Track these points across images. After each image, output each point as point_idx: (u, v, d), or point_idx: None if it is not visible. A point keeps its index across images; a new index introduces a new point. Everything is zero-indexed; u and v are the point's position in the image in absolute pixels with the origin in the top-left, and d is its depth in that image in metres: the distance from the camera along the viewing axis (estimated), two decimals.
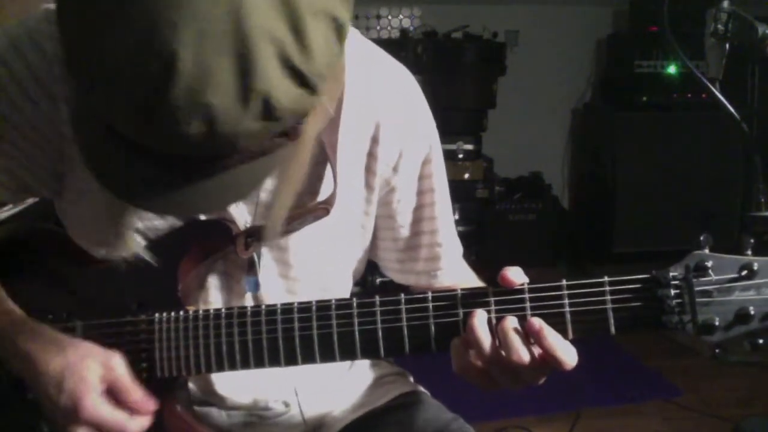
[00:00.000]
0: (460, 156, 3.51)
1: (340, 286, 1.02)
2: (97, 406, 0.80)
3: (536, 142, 4.20)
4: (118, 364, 0.83)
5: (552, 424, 2.36)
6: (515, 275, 0.80)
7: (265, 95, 0.59)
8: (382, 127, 0.90)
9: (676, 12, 1.47)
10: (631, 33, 3.89)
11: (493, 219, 3.75)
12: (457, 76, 3.47)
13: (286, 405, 1.03)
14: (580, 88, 4.27)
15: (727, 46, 1.37)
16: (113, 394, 0.82)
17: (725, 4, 1.36)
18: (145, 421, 0.83)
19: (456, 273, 1.04)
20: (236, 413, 1.01)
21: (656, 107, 3.76)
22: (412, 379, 1.14)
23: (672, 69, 3.75)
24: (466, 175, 3.55)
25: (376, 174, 0.93)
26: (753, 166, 1.40)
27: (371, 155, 0.92)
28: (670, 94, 3.75)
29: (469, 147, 3.53)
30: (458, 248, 1.05)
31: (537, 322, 0.77)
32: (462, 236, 1.03)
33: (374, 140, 0.91)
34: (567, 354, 0.76)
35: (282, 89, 0.59)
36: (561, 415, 2.40)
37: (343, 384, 1.07)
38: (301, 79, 0.60)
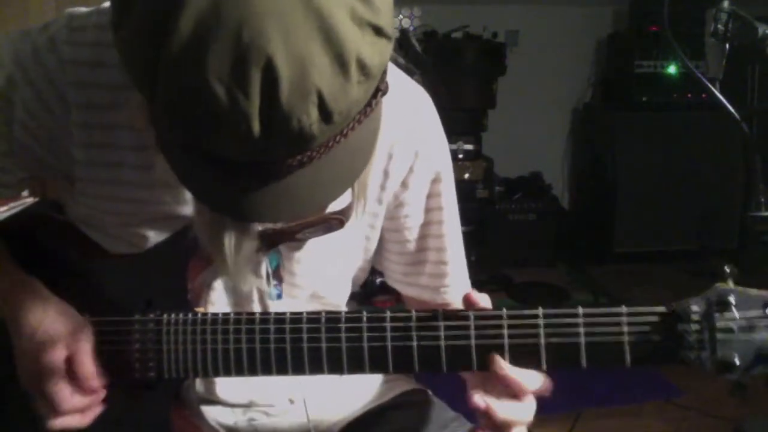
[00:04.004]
0: (460, 156, 3.51)
1: (338, 293, 1.03)
2: (50, 367, 0.81)
3: (536, 142, 4.20)
4: (85, 335, 0.83)
5: (552, 424, 2.36)
6: (479, 298, 0.80)
7: (358, 57, 0.60)
8: (397, 145, 0.92)
9: (676, 12, 1.47)
10: (631, 33, 3.89)
11: (493, 219, 3.75)
12: (457, 76, 3.47)
13: (291, 401, 1.04)
14: (580, 88, 4.27)
15: (727, 46, 1.37)
16: (70, 364, 0.83)
17: (725, 4, 1.36)
18: (86, 400, 0.82)
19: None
20: (241, 410, 1.01)
21: (656, 107, 3.76)
22: (414, 378, 1.14)
23: (672, 69, 3.76)
24: (466, 175, 3.55)
25: (386, 189, 0.94)
26: (753, 166, 1.40)
27: (385, 172, 0.93)
28: (670, 94, 3.76)
29: (469, 147, 3.54)
30: (465, 274, 1.05)
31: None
32: (462, 236, 1.03)
33: (389, 157, 0.92)
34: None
35: (367, 46, 0.61)
36: (561, 415, 2.40)
37: (347, 381, 1.08)
38: (376, 30, 0.62)
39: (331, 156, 0.65)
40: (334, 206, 0.88)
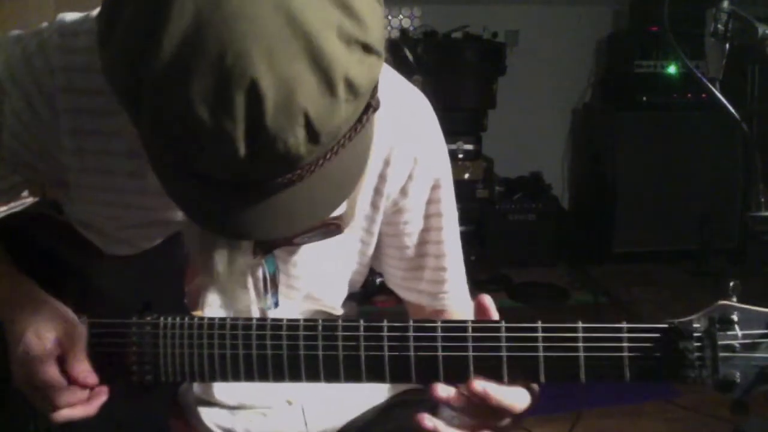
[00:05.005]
0: (460, 156, 3.51)
1: (333, 295, 1.03)
2: (42, 365, 0.81)
3: (536, 142, 4.20)
4: (78, 333, 0.84)
5: (552, 424, 2.36)
6: (491, 303, 0.80)
7: (346, 77, 0.59)
8: (395, 150, 0.91)
9: (676, 12, 1.47)
10: (631, 33, 3.89)
11: (493, 219, 3.75)
12: (457, 76, 3.47)
13: (289, 403, 1.03)
14: (580, 88, 4.27)
15: (727, 46, 1.37)
16: (64, 361, 0.83)
17: (725, 4, 1.36)
18: (81, 395, 0.83)
19: (461, 302, 1.04)
20: (239, 411, 1.01)
21: (656, 107, 3.76)
22: None
23: (672, 69, 3.75)
24: (466, 175, 3.55)
25: (383, 195, 0.93)
26: (753, 166, 1.40)
27: (381, 176, 0.92)
28: (670, 94, 3.75)
29: (469, 147, 3.54)
30: (463, 281, 1.05)
31: (480, 386, 0.76)
32: (462, 236, 1.03)
33: (386, 162, 0.91)
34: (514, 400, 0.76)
35: (355, 65, 0.60)
36: (561, 415, 2.40)
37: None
38: (366, 48, 0.61)
39: (321, 174, 0.64)
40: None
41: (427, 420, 0.77)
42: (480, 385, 0.76)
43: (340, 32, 0.59)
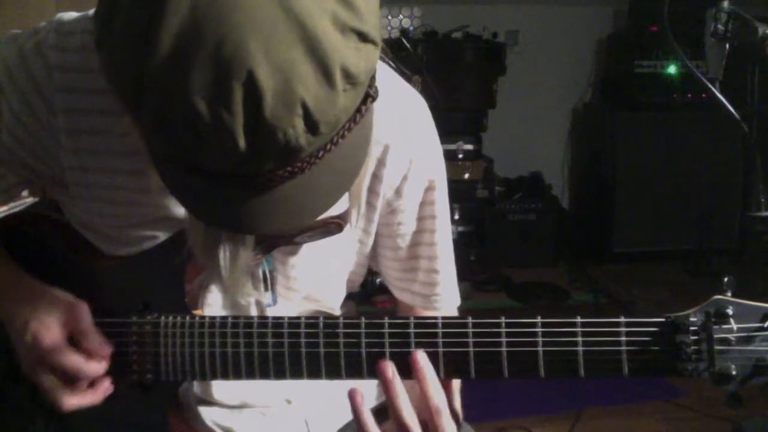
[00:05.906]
0: (460, 156, 3.50)
1: (332, 296, 1.03)
2: (56, 348, 0.82)
3: (536, 142, 4.20)
4: (81, 310, 0.84)
5: (552, 424, 2.36)
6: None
7: (343, 65, 0.59)
8: (390, 151, 0.91)
9: (676, 12, 1.47)
10: (631, 33, 3.89)
11: (493, 219, 3.75)
12: (457, 76, 3.47)
13: (288, 402, 1.04)
14: (580, 88, 4.27)
15: (727, 46, 1.37)
16: (74, 341, 0.84)
17: (725, 4, 1.36)
18: (101, 366, 0.84)
19: (453, 306, 1.05)
20: (238, 411, 1.01)
21: (656, 107, 3.76)
22: None
23: (672, 69, 3.76)
24: (466, 175, 3.55)
25: (378, 194, 0.93)
26: (753, 166, 1.40)
27: (376, 176, 0.92)
28: (670, 94, 3.75)
29: (469, 147, 3.53)
30: (455, 284, 1.05)
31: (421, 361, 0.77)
32: (462, 236, 1.04)
33: (381, 162, 0.91)
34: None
35: (352, 53, 0.60)
36: (561, 415, 2.40)
37: (345, 381, 1.08)
38: (361, 36, 0.61)
39: (322, 165, 0.64)
40: (333, 210, 0.88)
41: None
42: (421, 360, 0.77)
43: (335, 20, 0.59)
